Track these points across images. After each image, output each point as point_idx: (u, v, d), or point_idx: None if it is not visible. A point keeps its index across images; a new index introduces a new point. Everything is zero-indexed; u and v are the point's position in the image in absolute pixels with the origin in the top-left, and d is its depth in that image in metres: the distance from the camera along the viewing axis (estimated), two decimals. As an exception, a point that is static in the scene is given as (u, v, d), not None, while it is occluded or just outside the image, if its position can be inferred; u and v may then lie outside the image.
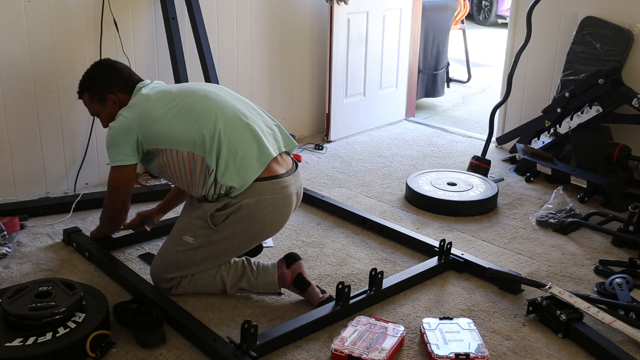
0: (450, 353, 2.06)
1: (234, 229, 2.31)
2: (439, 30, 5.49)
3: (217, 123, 2.31)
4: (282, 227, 2.46)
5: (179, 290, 2.40)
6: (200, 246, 2.34)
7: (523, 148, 3.82)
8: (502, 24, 10.65)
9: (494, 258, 2.80)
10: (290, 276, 2.39)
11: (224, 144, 2.29)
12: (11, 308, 2.06)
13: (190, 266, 2.37)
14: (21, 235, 2.89)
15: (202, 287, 2.41)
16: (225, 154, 2.28)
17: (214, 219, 2.30)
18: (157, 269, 2.42)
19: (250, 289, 2.42)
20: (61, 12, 3.18)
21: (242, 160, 2.29)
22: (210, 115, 2.34)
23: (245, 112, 2.43)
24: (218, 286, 2.41)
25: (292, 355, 2.11)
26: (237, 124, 2.35)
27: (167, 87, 2.55)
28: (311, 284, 2.38)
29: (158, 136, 2.35)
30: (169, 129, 2.33)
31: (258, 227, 2.34)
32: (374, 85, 4.64)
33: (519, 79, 4.06)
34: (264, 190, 2.30)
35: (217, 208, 2.29)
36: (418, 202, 3.35)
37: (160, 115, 2.36)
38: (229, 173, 2.27)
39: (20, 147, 3.20)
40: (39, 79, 3.18)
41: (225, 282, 2.39)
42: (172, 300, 2.31)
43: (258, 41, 4.04)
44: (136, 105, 2.43)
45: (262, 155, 2.33)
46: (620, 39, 3.60)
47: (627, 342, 2.20)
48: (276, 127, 2.51)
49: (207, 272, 2.39)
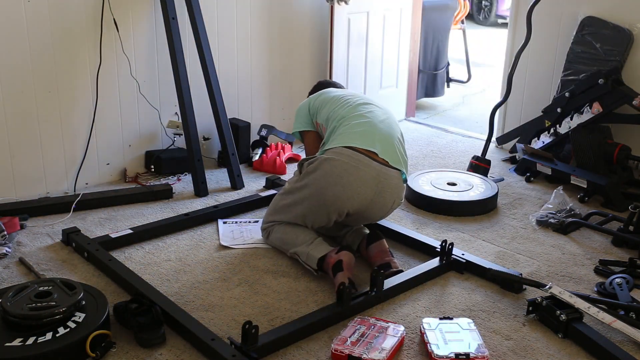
0: (450, 353, 2.06)
1: (308, 178, 2.63)
2: (439, 30, 5.49)
3: (352, 107, 2.79)
4: (347, 200, 2.56)
5: (270, 238, 2.79)
6: (289, 192, 2.72)
7: (523, 148, 3.82)
8: (502, 24, 10.64)
9: (494, 258, 2.80)
10: (333, 260, 2.48)
11: (342, 122, 2.73)
12: (11, 308, 2.06)
13: (279, 212, 2.74)
14: (21, 235, 2.89)
15: (280, 239, 2.73)
16: (338, 128, 2.72)
17: (300, 168, 2.71)
18: (265, 214, 2.88)
19: (300, 254, 2.63)
20: (61, 12, 3.18)
21: (346, 133, 2.67)
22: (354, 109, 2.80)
23: (387, 121, 2.79)
24: (287, 242, 2.69)
25: (292, 356, 2.11)
26: (368, 119, 2.73)
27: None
28: (343, 272, 2.44)
29: (319, 111, 2.96)
30: (325, 106, 2.92)
31: (324, 182, 2.57)
32: (374, 85, 4.64)
33: (519, 79, 4.06)
34: (342, 153, 2.59)
35: (306, 159, 2.71)
36: (418, 202, 3.35)
37: (329, 97, 2.97)
38: (330, 140, 2.71)
39: (20, 147, 3.20)
40: (39, 79, 3.18)
41: (288, 244, 2.68)
42: (172, 301, 2.32)
43: (258, 41, 4.04)
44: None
45: (365, 142, 2.63)
46: (620, 39, 3.60)
47: (627, 342, 2.20)
48: (402, 151, 2.76)
49: (289, 227, 2.70)
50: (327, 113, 2.88)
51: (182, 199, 3.38)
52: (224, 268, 2.68)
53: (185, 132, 3.47)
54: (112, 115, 3.49)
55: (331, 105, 2.89)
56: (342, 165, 2.55)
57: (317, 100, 2.99)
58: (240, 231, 3.00)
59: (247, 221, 3.12)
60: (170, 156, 3.64)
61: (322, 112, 2.92)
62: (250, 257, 2.77)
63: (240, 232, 2.99)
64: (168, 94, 3.64)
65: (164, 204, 3.31)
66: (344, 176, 2.54)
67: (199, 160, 3.46)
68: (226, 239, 2.92)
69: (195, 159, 3.45)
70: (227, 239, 2.92)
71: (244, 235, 2.96)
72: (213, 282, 2.56)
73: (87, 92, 3.36)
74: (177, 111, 3.59)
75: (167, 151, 3.67)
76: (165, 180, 3.57)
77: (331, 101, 2.92)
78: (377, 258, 2.61)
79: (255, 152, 3.90)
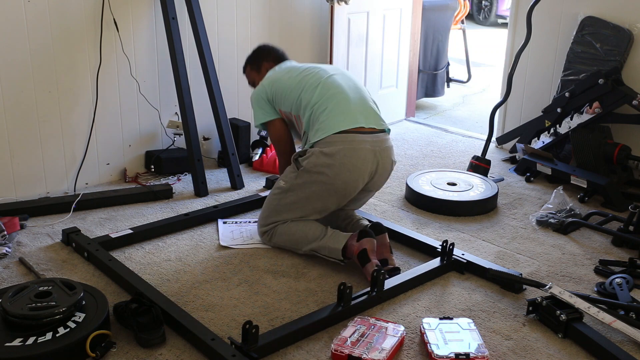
0: (450, 353, 2.06)
1: (309, 174, 2.63)
2: (439, 30, 5.49)
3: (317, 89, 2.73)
4: (357, 181, 2.66)
5: (272, 240, 2.75)
6: (288, 189, 2.70)
7: (523, 148, 3.82)
8: (502, 24, 10.65)
9: (494, 258, 2.80)
10: (356, 249, 2.51)
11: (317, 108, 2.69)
12: (11, 308, 2.06)
13: (281, 211, 2.72)
14: (21, 235, 2.90)
15: (288, 239, 2.70)
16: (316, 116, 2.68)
17: (297, 163, 2.69)
18: (260, 216, 2.83)
19: (318, 250, 2.63)
20: (61, 12, 3.18)
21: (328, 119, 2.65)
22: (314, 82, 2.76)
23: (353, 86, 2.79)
24: (298, 241, 2.68)
25: (292, 356, 2.11)
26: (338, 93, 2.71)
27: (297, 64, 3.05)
28: (371, 262, 2.49)
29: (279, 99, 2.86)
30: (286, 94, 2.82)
31: (328, 173, 2.61)
32: (374, 85, 4.64)
33: (519, 79, 4.06)
34: (334, 141, 2.61)
35: (300, 154, 2.69)
36: (418, 202, 3.35)
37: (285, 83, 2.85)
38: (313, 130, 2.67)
39: (20, 147, 3.20)
40: (39, 79, 3.18)
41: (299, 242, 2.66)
42: (172, 301, 2.32)
43: (258, 41, 4.01)
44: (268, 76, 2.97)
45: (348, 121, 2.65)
46: (620, 39, 3.60)
47: (627, 342, 2.20)
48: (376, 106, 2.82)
49: (294, 226, 2.68)
50: (292, 101, 2.82)
51: (182, 199, 3.38)
52: (224, 268, 2.68)
53: (185, 132, 3.48)
54: (112, 115, 3.49)
55: (293, 91, 2.81)
56: (342, 152, 2.60)
57: (272, 86, 2.89)
58: (240, 231, 3.00)
59: (247, 221, 3.12)
60: (170, 156, 3.64)
61: (285, 100, 2.84)
62: (250, 257, 2.77)
63: (240, 232, 2.99)
64: (168, 94, 3.65)
65: (164, 204, 3.31)
66: (346, 162, 2.61)
67: (199, 160, 3.47)
68: (226, 239, 2.92)
69: (195, 159, 3.45)
70: (227, 239, 2.92)
71: (243, 235, 2.96)
72: (213, 282, 2.56)
73: (87, 92, 3.36)
74: (177, 111, 3.59)
75: (167, 151, 3.67)
76: (165, 180, 3.57)
77: (289, 87, 2.83)
78: (377, 253, 2.61)
79: (255, 152, 3.90)
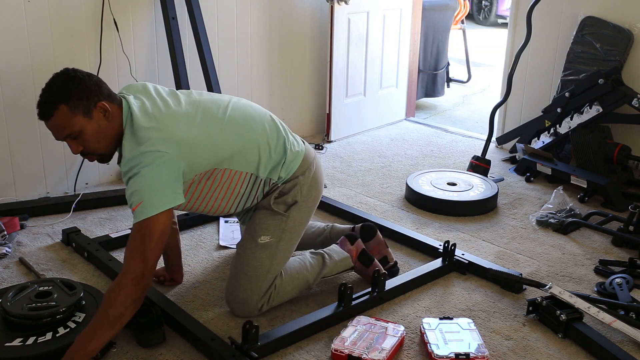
0: (450, 353, 2.06)
1: (302, 208, 2.35)
2: (439, 30, 5.49)
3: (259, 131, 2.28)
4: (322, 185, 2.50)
5: (278, 297, 2.33)
6: (279, 240, 2.30)
7: (523, 148, 3.82)
8: (502, 24, 10.65)
9: (494, 258, 2.80)
10: (355, 252, 2.48)
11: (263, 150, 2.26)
12: (11, 308, 2.07)
13: (277, 266, 2.30)
14: (21, 235, 2.90)
15: (289, 294, 2.36)
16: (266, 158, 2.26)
17: (279, 207, 2.30)
18: (247, 291, 2.26)
19: (330, 273, 2.44)
20: (61, 13, 3.18)
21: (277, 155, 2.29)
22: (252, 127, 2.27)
23: (256, 113, 2.35)
24: (303, 286, 2.39)
25: (292, 356, 2.11)
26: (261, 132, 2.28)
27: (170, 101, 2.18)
28: (375, 260, 2.47)
29: (199, 160, 2.10)
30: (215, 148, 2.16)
31: (316, 194, 2.41)
32: (374, 85, 4.64)
33: (519, 79, 4.06)
34: (304, 162, 2.35)
35: (275, 197, 2.31)
36: (418, 202, 3.35)
37: (197, 135, 2.10)
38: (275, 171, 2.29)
39: (20, 147, 3.20)
40: (39, 79, 3.17)
41: (308, 280, 2.39)
42: (172, 301, 2.32)
43: (258, 41, 4.04)
44: (154, 129, 2.02)
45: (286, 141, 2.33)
46: (620, 39, 3.60)
47: (627, 342, 2.20)
48: None
49: (290, 278, 2.35)
50: (211, 156, 2.12)
51: (182, 199, 3.37)
52: (224, 268, 2.68)
53: (185, 132, 3.47)
54: (112, 115, 3.49)
55: (207, 145, 2.11)
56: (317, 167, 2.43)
57: (181, 150, 2.02)
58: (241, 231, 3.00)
59: (247, 221, 3.11)
60: (170, 156, 3.63)
61: (202, 159, 2.10)
62: (250, 257, 2.77)
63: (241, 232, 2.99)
64: (168, 94, 3.64)
65: (164, 204, 3.31)
66: (321, 173, 2.46)
67: (199, 161, 3.44)
68: (226, 239, 2.92)
69: (195, 159, 3.44)
70: (227, 239, 2.92)
71: (244, 235, 2.96)
72: (213, 282, 2.56)
73: (87, 92, 3.36)
74: (177, 111, 3.59)
75: (167, 151, 3.67)
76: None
77: (197, 142, 2.08)
78: (375, 252, 2.59)
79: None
